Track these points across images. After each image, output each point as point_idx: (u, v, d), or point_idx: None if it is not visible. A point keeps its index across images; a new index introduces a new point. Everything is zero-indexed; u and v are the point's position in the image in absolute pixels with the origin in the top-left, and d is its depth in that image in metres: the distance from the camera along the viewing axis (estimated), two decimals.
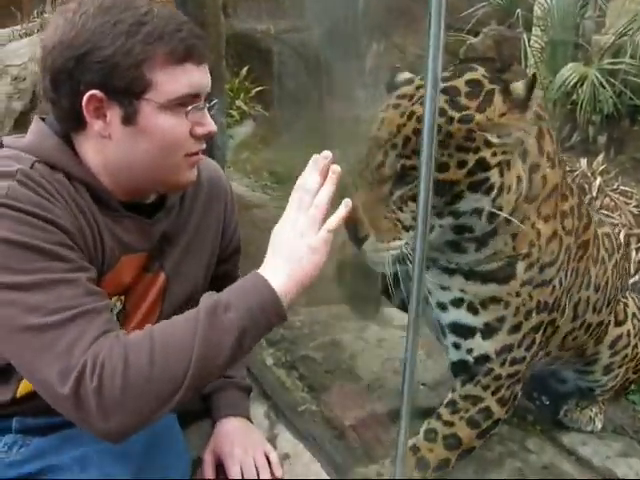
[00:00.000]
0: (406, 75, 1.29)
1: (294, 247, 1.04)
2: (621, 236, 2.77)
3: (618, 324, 1.68)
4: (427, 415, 1.44)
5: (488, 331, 1.32)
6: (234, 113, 4.86)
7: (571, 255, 1.37)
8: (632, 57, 4.40)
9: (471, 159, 1.14)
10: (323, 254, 1.04)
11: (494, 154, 1.15)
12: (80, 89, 1.05)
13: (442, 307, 1.35)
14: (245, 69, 5.26)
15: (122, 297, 1.21)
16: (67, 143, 1.12)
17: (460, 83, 1.17)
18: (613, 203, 3.14)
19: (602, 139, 4.62)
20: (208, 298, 1.03)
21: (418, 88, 1.20)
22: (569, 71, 4.42)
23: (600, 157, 3.43)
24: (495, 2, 5.28)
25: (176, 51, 1.06)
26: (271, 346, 1.96)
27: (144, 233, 1.20)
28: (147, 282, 1.24)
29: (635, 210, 3.18)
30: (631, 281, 2.45)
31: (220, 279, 1.40)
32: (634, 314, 1.74)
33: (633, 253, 2.85)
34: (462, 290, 1.31)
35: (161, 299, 1.27)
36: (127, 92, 1.05)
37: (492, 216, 1.19)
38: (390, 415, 1.59)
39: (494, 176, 1.16)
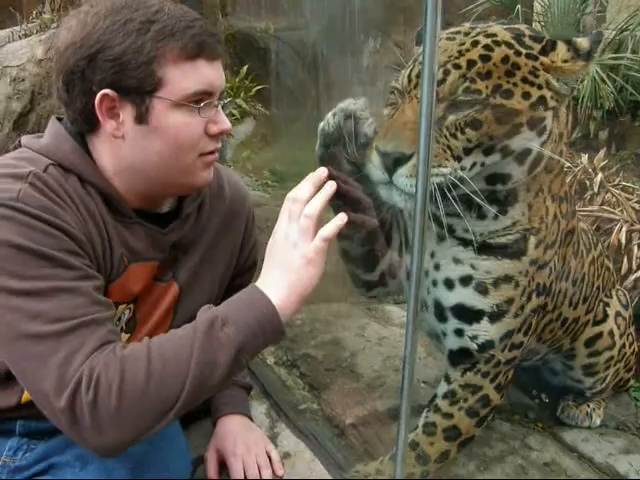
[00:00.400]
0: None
1: (289, 259, 1.02)
2: (623, 232, 2.77)
3: (595, 323, 1.65)
4: None
5: (497, 314, 1.29)
6: (234, 112, 4.86)
7: (562, 240, 1.37)
8: (633, 52, 4.37)
9: (534, 93, 1.15)
10: (318, 264, 1.02)
11: (552, 97, 1.18)
12: (92, 89, 1.04)
13: (449, 285, 1.32)
14: (245, 68, 5.26)
15: (131, 305, 1.20)
16: (82, 145, 1.11)
17: (523, 27, 1.21)
18: (615, 199, 3.12)
19: (603, 135, 4.60)
20: (205, 312, 1.01)
21: (472, 28, 1.22)
22: None
23: (601, 153, 3.40)
24: None
25: (187, 47, 1.05)
26: (272, 345, 1.95)
27: (155, 242, 1.19)
28: (159, 292, 1.23)
29: (637, 206, 3.16)
30: (633, 277, 2.44)
31: (234, 292, 1.40)
32: (618, 313, 1.71)
33: (635, 249, 2.83)
34: (472, 266, 1.29)
35: (173, 309, 1.26)
36: (139, 90, 1.04)
37: (536, 161, 1.19)
38: (391, 413, 1.59)
39: (549, 119, 1.18)
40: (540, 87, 1.16)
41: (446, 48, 1.16)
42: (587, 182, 3.17)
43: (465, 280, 1.30)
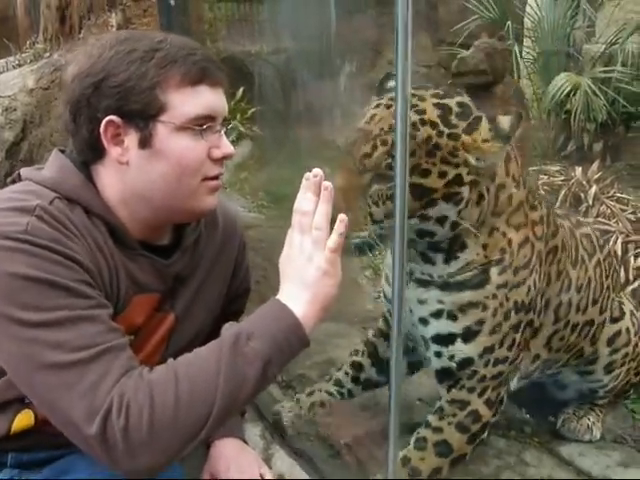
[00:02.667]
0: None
1: (306, 272, 1.04)
2: (618, 243, 2.77)
3: (614, 321, 1.70)
4: None
5: (468, 335, 1.36)
6: (232, 134, 4.88)
7: (542, 259, 1.43)
8: (623, 65, 4.42)
9: (451, 173, 1.24)
10: (333, 274, 1.04)
11: (469, 173, 1.26)
12: (98, 116, 1.06)
13: (424, 322, 1.40)
14: (240, 90, 5.30)
15: (132, 337, 1.19)
16: (87, 175, 1.13)
17: (452, 103, 1.26)
18: (609, 210, 3.13)
19: (598, 147, 4.63)
20: (229, 329, 1.03)
21: (413, 95, 1.25)
22: (562, 81, 4.45)
23: (595, 165, 3.42)
24: (486, 15, 5.32)
25: (189, 73, 1.08)
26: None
27: (159, 274, 1.19)
28: (156, 321, 1.24)
29: (632, 217, 3.17)
30: (630, 288, 2.45)
31: (231, 318, 1.40)
32: (632, 311, 1.75)
33: (632, 259, 2.84)
34: (440, 301, 1.36)
35: (167, 338, 1.27)
36: (143, 115, 1.07)
37: (454, 225, 1.30)
38: (385, 432, 1.57)
39: (465, 192, 1.27)
40: (457, 166, 1.24)
41: (382, 117, 1.25)
42: (582, 195, 3.19)
43: (437, 314, 1.38)
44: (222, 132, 1.14)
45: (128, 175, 1.10)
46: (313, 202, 1.06)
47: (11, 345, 0.97)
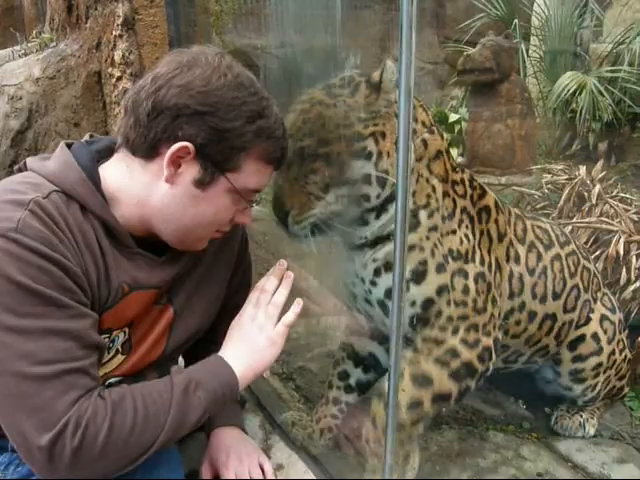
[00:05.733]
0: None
1: (254, 339, 1.21)
2: (621, 243, 2.77)
3: (577, 326, 1.69)
4: None
5: (417, 275, 1.40)
6: None
7: (473, 217, 1.48)
8: (630, 65, 4.41)
9: (348, 133, 1.33)
10: (279, 346, 1.22)
11: (366, 127, 1.34)
12: (177, 134, 1.08)
13: (373, 284, 1.44)
14: None
15: (126, 329, 1.22)
16: (92, 171, 1.14)
17: (335, 80, 1.40)
18: (613, 210, 3.13)
19: (602, 146, 4.63)
20: (180, 373, 1.14)
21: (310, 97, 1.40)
22: (568, 79, 4.44)
23: (599, 165, 3.41)
24: (493, 13, 5.32)
25: (272, 154, 1.16)
26: None
27: (155, 271, 1.21)
28: (155, 315, 1.25)
29: (635, 217, 3.16)
30: (632, 288, 2.45)
31: (228, 311, 1.41)
32: (604, 316, 1.73)
33: (633, 260, 2.83)
34: (374, 259, 1.43)
35: (168, 332, 1.29)
36: (217, 164, 1.11)
37: (380, 179, 1.36)
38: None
39: (370, 145, 1.34)
40: (351, 125, 1.33)
41: (288, 120, 1.33)
42: (585, 194, 3.18)
43: (377, 272, 1.43)
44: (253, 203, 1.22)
45: (161, 191, 1.12)
46: (275, 284, 1.26)
47: None
